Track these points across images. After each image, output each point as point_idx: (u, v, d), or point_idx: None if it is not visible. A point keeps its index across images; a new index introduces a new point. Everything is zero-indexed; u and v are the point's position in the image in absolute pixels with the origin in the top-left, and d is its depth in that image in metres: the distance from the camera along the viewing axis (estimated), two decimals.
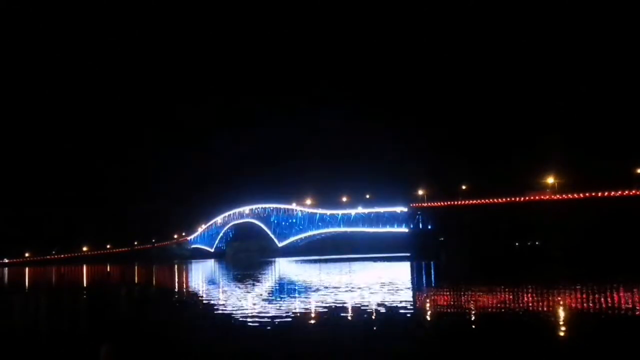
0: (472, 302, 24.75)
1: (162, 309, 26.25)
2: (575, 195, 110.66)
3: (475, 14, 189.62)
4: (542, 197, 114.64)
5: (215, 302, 27.45)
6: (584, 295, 26.25)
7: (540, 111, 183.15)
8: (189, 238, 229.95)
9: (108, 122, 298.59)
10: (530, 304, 23.74)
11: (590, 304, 22.87)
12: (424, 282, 43.08)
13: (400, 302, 25.59)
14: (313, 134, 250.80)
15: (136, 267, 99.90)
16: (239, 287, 37.88)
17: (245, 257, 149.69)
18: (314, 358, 13.67)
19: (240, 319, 20.20)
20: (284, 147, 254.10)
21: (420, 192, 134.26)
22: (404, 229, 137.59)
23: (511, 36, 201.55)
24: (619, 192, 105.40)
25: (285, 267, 78.04)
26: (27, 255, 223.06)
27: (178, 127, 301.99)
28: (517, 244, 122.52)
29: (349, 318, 20.59)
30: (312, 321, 19.94)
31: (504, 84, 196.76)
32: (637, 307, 21.47)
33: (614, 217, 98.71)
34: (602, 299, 24.24)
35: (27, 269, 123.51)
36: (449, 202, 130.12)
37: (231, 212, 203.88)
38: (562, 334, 16.67)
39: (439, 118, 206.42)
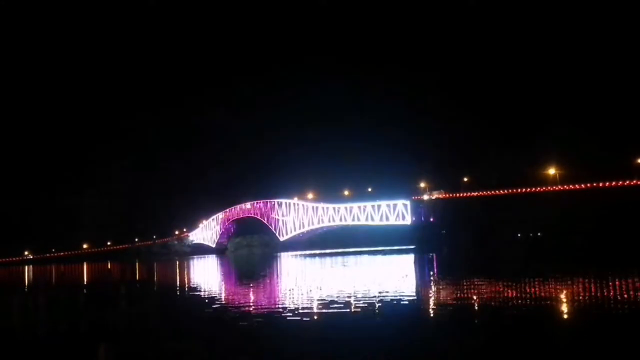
0: (477, 294, 24.29)
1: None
2: (577, 186, 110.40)
3: (479, 3, 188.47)
4: (544, 188, 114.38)
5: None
6: (586, 287, 25.78)
7: (542, 103, 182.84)
8: (189, 234, 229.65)
9: (107, 120, 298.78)
10: (532, 296, 23.27)
11: (592, 296, 22.39)
12: (435, 274, 42.66)
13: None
14: (313, 128, 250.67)
15: (137, 265, 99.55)
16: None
17: (248, 254, 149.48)
18: None
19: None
20: (284, 142, 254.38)
21: (422, 185, 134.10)
22: (406, 222, 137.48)
23: (513, 32, 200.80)
24: (620, 183, 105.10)
25: (294, 265, 77.67)
26: (26, 253, 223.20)
27: (177, 122, 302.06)
28: (519, 235, 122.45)
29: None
30: None
31: (506, 76, 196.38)
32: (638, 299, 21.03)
33: (616, 207, 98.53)
34: (604, 291, 23.78)
35: (26, 268, 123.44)
36: (450, 195, 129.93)
37: (232, 207, 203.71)
38: (565, 326, 16.24)
39: (440, 110, 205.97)
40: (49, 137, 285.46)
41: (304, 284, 35.67)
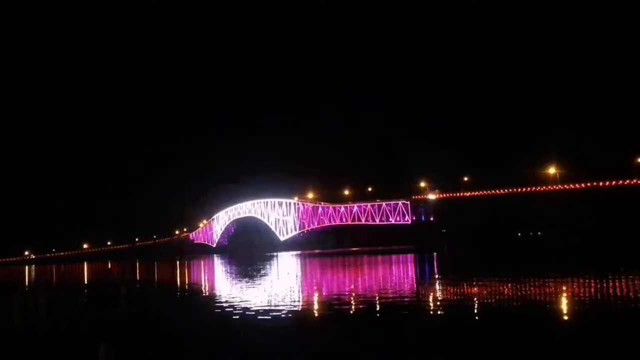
0: (477, 294, 24.28)
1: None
2: (577, 186, 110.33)
3: (479, 3, 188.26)
4: (544, 187, 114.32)
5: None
6: (586, 287, 25.75)
7: (542, 103, 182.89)
8: (190, 234, 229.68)
9: (107, 120, 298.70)
10: (532, 296, 23.27)
11: (592, 296, 22.37)
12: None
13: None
14: (314, 128, 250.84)
15: (137, 265, 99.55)
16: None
17: (248, 253, 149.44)
18: None
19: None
20: (284, 141, 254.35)
21: (422, 185, 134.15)
22: (406, 222, 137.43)
23: (513, 31, 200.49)
24: (620, 182, 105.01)
25: (288, 263, 77.71)
26: (27, 253, 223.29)
27: (177, 122, 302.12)
28: (519, 234, 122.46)
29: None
30: None
31: (506, 76, 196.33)
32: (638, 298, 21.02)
33: (616, 207, 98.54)
34: (605, 291, 23.76)
35: (27, 268, 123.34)
36: (450, 194, 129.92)
37: (233, 207, 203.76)
38: (564, 326, 16.22)
39: (440, 110, 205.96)
40: (49, 137, 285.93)
41: (304, 283, 35.66)
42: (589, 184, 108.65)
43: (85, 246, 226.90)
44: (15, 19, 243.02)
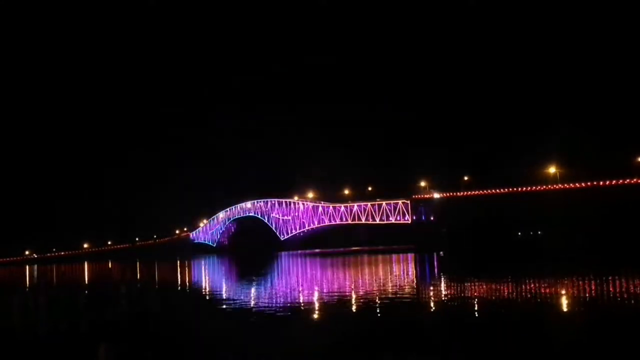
0: (477, 293, 24.28)
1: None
2: (577, 185, 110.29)
3: (479, 3, 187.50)
4: (544, 187, 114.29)
5: None
6: (585, 287, 25.74)
7: (542, 103, 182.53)
8: (190, 234, 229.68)
9: (107, 119, 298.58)
10: (531, 296, 23.27)
11: (590, 296, 22.36)
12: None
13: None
14: (314, 127, 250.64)
15: (138, 265, 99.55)
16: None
17: (248, 253, 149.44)
18: None
19: None
20: (284, 141, 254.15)
21: (422, 184, 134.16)
22: (406, 221, 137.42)
23: (513, 32, 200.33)
24: (620, 181, 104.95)
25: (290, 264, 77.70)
26: (27, 252, 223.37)
27: (177, 122, 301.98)
28: (519, 234, 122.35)
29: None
30: None
31: (506, 76, 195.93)
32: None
33: (616, 206, 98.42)
34: (603, 291, 23.75)
35: (27, 267, 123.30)
36: (450, 194, 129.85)
37: (233, 206, 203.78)
38: (562, 326, 16.21)
39: (440, 110, 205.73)
40: (49, 138, 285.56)
41: (304, 282, 35.67)
42: (589, 184, 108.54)
43: (85, 246, 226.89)
44: (25, 23, 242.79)
